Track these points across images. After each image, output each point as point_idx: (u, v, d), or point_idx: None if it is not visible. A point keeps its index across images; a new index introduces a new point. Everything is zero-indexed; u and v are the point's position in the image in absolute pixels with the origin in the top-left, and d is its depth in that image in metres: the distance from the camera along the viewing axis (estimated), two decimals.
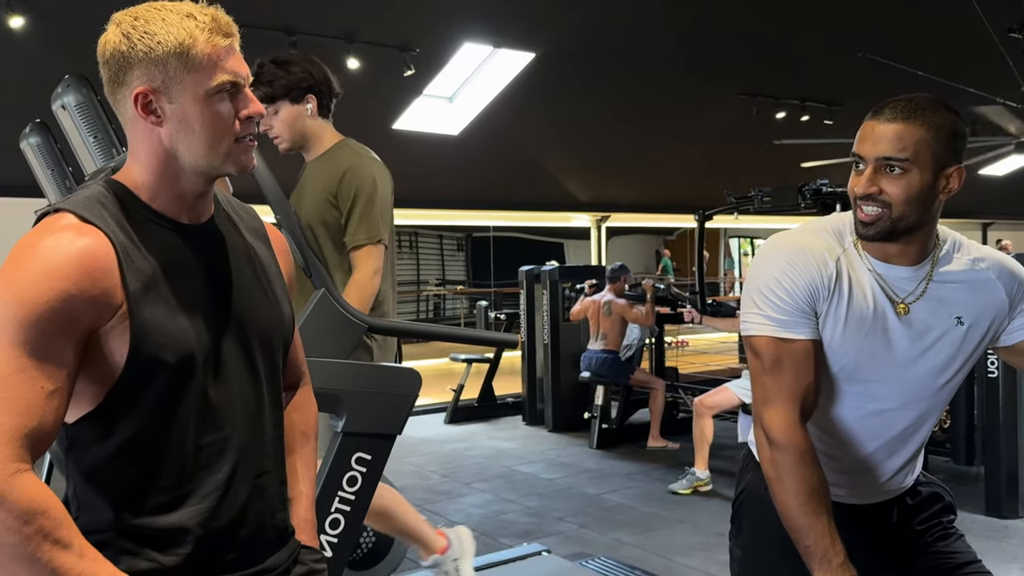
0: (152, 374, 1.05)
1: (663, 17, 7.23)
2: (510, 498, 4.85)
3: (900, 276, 1.42)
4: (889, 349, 1.41)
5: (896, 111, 1.34)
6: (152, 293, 1.05)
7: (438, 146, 8.05)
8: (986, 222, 15.41)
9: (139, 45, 1.05)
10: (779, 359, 1.39)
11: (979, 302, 1.44)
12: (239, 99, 1.10)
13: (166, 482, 1.08)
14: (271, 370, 1.20)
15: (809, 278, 1.38)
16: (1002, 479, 4.34)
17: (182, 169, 1.10)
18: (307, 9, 6.17)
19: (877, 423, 1.47)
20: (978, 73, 7.27)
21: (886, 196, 1.34)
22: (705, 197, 5.93)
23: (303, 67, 2.47)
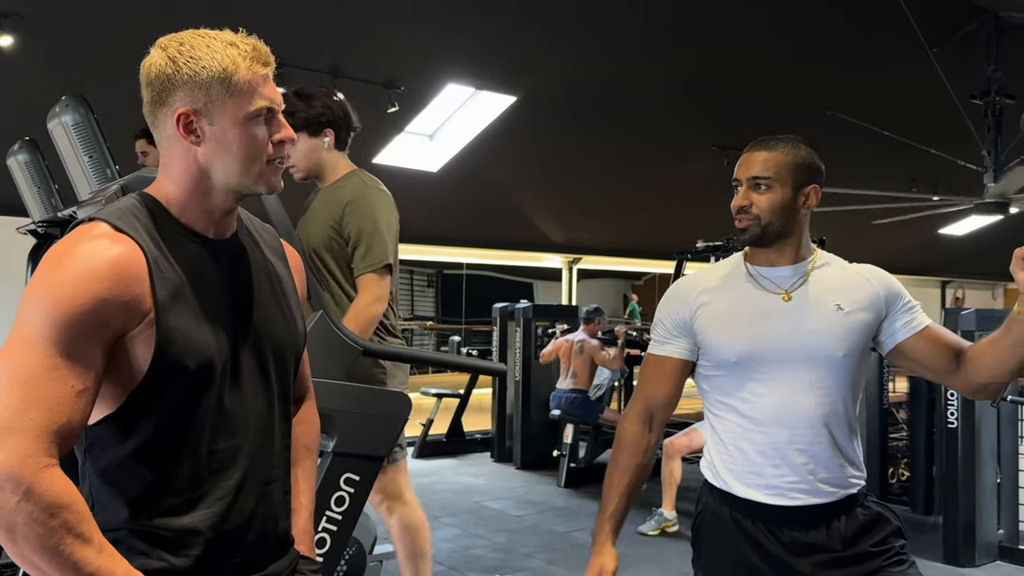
0: (173, 380, 1.10)
1: (641, 70, 7.44)
2: (479, 533, 4.85)
3: (782, 275, 1.70)
4: (778, 327, 1.65)
5: (763, 144, 1.69)
6: (178, 302, 1.10)
7: (416, 182, 8.13)
8: (944, 280, 15.81)
9: (184, 69, 1.11)
10: (644, 368, 1.78)
11: (855, 295, 1.68)
12: (273, 124, 1.17)
13: (180, 485, 1.12)
14: (283, 382, 1.25)
15: (672, 309, 1.75)
16: (960, 528, 4.44)
17: (214, 186, 1.16)
18: (294, 42, 6.26)
19: (783, 407, 1.63)
20: (941, 136, 7.56)
21: (755, 208, 1.66)
22: (675, 243, 6.08)
23: (324, 102, 2.56)
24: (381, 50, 6.62)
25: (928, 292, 15.62)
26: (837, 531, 1.63)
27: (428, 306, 17.46)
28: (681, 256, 5.85)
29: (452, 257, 13.23)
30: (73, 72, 5.61)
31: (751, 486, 1.63)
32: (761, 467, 1.62)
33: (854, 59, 7.51)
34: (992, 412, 4.49)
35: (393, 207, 2.59)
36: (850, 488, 1.66)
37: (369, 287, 2.42)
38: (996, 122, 7.20)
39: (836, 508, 1.64)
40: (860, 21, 7.16)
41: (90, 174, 2.57)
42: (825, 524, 1.63)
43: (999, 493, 4.55)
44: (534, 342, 6.75)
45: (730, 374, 1.67)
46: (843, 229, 8.34)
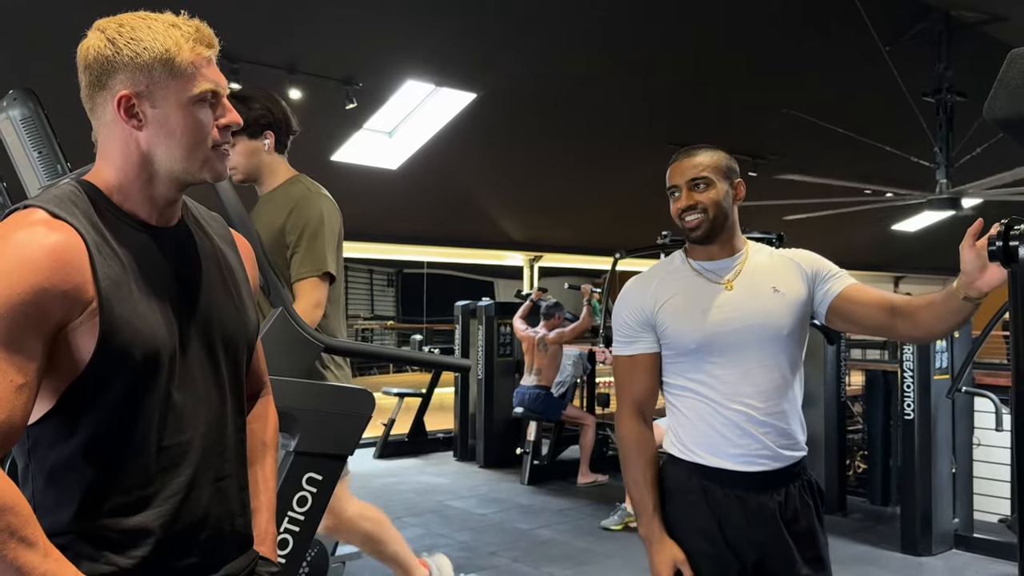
0: (118, 371, 1.05)
1: (600, 69, 7.46)
2: (442, 532, 4.82)
3: (722, 266, 1.86)
4: (727, 314, 1.79)
5: (688, 152, 1.85)
6: (122, 290, 1.06)
7: (375, 180, 8.06)
8: (898, 275, 16.14)
9: (125, 50, 1.07)
10: (619, 370, 1.88)
11: (787, 277, 1.84)
12: (218, 108, 1.13)
13: (129, 483, 1.08)
14: (235, 374, 1.21)
15: (632, 307, 1.86)
16: (917, 518, 4.52)
17: (156, 173, 1.11)
18: (249, 37, 6.15)
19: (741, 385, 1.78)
20: (894, 133, 7.70)
21: (702, 203, 1.81)
22: (635, 241, 6.10)
23: (263, 104, 2.51)
24: (338, 45, 6.54)
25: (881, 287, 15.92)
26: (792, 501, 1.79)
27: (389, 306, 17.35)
28: (617, 257, 5.94)
29: (413, 256, 13.16)
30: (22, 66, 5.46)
31: (720, 456, 1.77)
32: (727, 439, 1.76)
33: (809, 57, 7.61)
34: (947, 404, 4.57)
35: (337, 213, 2.54)
36: (802, 450, 1.83)
37: (307, 292, 2.36)
38: (947, 119, 7.35)
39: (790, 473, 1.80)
40: (815, 20, 7.26)
41: (39, 170, 2.49)
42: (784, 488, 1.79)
43: (954, 483, 4.64)
44: (497, 340, 6.73)
45: (691, 359, 1.80)
46: (798, 226, 8.46)
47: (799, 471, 1.83)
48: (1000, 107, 1.03)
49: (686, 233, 1.84)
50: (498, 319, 6.78)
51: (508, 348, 6.84)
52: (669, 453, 1.86)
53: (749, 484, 1.76)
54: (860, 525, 5.11)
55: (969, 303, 1.60)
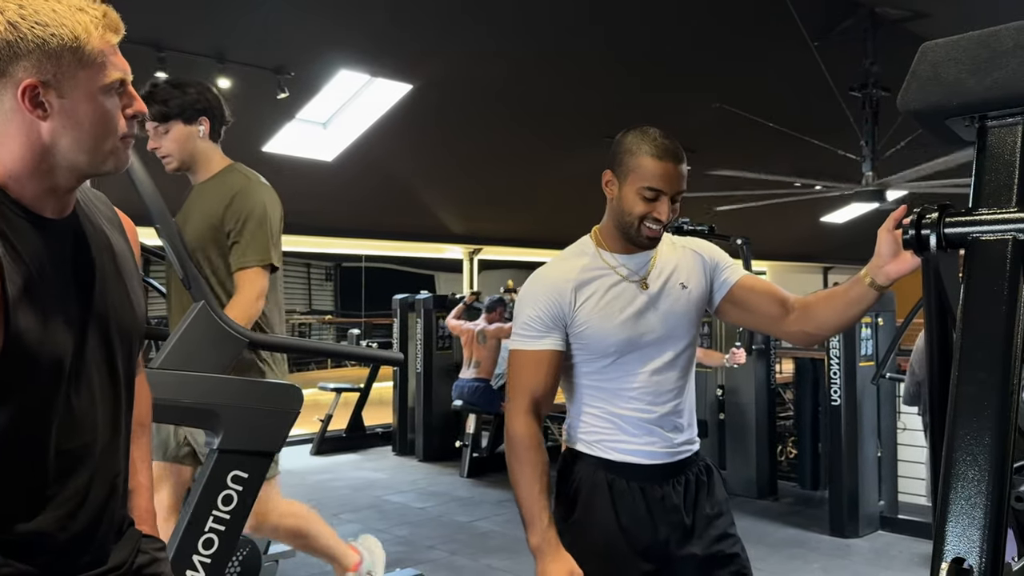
0: (19, 383, 1.02)
1: (536, 62, 7.46)
2: (380, 527, 4.78)
3: (638, 262, 1.79)
4: (646, 317, 1.75)
5: (677, 155, 1.73)
6: (26, 298, 1.01)
7: (310, 171, 7.92)
8: (827, 266, 16.57)
9: (29, 35, 1.00)
10: (519, 365, 1.76)
11: (692, 270, 1.83)
12: (125, 97, 1.09)
13: (26, 488, 1.06)
14: (128, 369, 1.19)
15: (549, 300, 1.75)
16: (844, 501, 4.66)
17: (57, 164, 1.06)
18: (178, 25, 5.98)
19: (657, 382, 1.77)
20: (822, 127, 7.89)
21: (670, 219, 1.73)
22: (572, 233, 6.12)
23: (198, 90, 2.48)
24: (269, 34, 6.40)
25: (811, 278, 16.35)
26: (691, 488, 1.80)
27: (327, 300, 17.12)
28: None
29: (350, 249, 13.01)
30: None
31: (625, 452, 1.75)
32: (633, 435, 1.75)
33: (740, 53, 7.74)
34: (872, 390, 4.71)
35: (278, 203, 2.50)
36: (696, 443, 1.85)
37: (249, 283, 2.34)
38: (873, 113, 7.55)
39: (689, 463, 1.81)
40: (746, 16, 7.38)
41: None
42: (684, 478, 1.80)
43: (880, 467, 4.79)
44: (435, 333, 6.70)
45: (603, 361, 1.75)
46: (730, 218, 8.62)
47: (695, 459, 1.84)
48: (912, 99, 1.06)
49: (636, 237, 1.75)
50: (437, 312, 6.75)
51: (447, 341, 6.81)
52: (571, 448, 1.83)
53: (652, 476, 1.76)
54: (791, 509, 5.23)
55: (873, 291, 1.61)
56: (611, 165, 1.77)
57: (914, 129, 7.00)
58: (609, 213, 1.80)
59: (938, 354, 1.21)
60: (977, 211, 1.00)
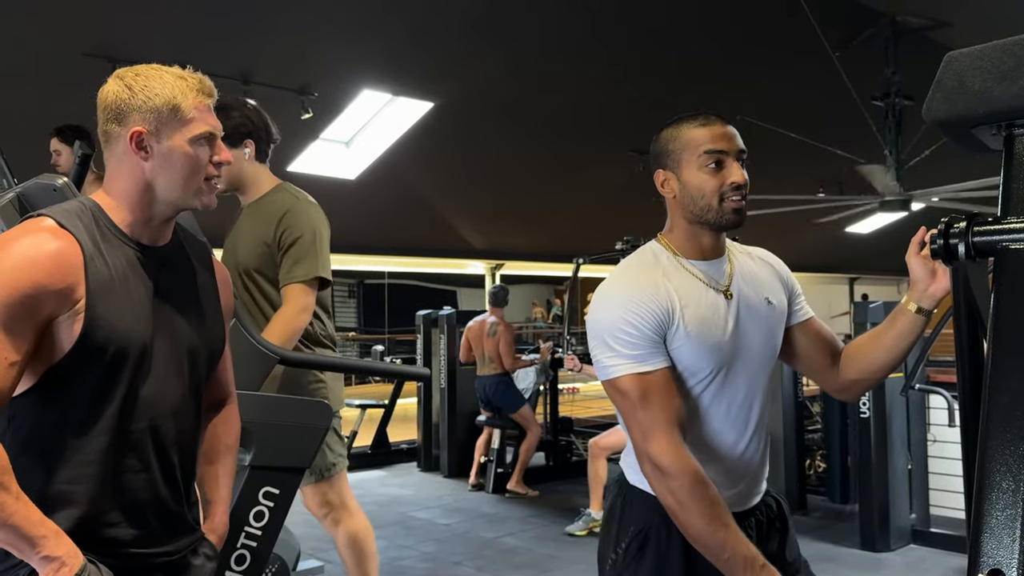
0: (93, 362, 1.24)
1: (557, 77, 7.50)
2: (406, 544, 4.78)
3: (716, 268, 1.56)
4: (733, 331, 1.53)
5: (722, 118, 1.54)
6: (107, 294, 1.25)
7: (333, 190, 8.00)
8: (852, 277, 16.44)
9: (139, 95, 1.29)
10: (646, 392, 1.44)
11: (773, 285, 1.63)
12: (213, 147, 1.35)
13: (91, 458, 1.26)
14: (194, 378, 1.39)
15: (652, 310, 1.47)
16: (874, 515, 4.59)
17: (156, 198, 1.32)
18: (204, 48, 6.09)
19: (744, 413, 1.55)
20: (845, 137, 7.85)
21: (747, 184, 1.53)
22: (595, 247, 6.13)
23: (243, 113, 2.51)
24: (293, 55, 6.50)
25: (837, 289, 16.22)
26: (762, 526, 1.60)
27: (350, 317, 17.21)
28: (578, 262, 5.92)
29: (373, 266, 13.09)
30: None
31: None
32: (719, 475, 1.50)
33: (762, 64, 7.74)
34: (901, 401, 4.66)
35: (325, 220, 2.56)
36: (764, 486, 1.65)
37: (295, 297, 2.39)
38: (896, 123, 7.52)
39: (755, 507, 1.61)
40: (768, 27, 7.38)
41: None
42: (753, 520, 1.59)
43: (910, 479, 4.73)
44: (459, 349, 6.71)
45: (697, 385, 1.51)
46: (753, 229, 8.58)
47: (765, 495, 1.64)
48: (937, 109, 1.06)
49: (720, 218, 1.51)
50: (460, 328, 6.76)
51: None
52: (631, 485, 1.58)
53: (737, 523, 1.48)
54: (820, 523, 5.18)
55: (921, 316, 1.54)
56: (659, 164, 1.58)
57: (938, 138, 6.96)
58: (676, 213, 1.57)
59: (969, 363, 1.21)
60: (1006, 219, 0.99)
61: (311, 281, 2.42)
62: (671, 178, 1.55)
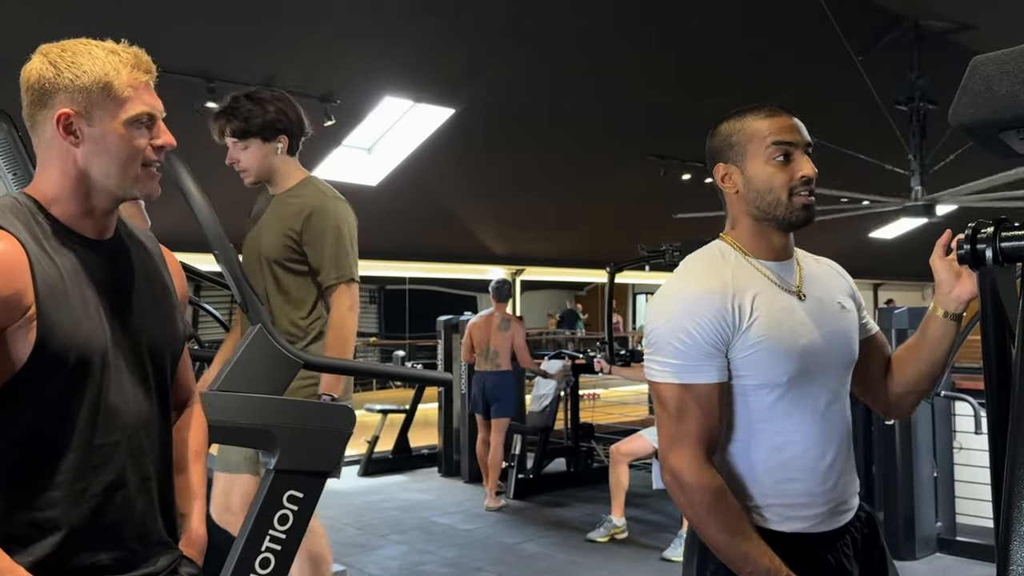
0: (52, 372, 1.12)
1: (578, 82, 7.51)
2: (428, 549, 4.79)
3: (786, 268, 1.49)
4: (811, 335, 1.44)
5: (785, 110, 1.48)
6: (59, 297, 1.13)
7: (356, 196, 8.01)
8: (876, 282, 16.28)
9: (66, 73, 1.16)
10: (682, 405, 1.39)
11: (843, 291, 1.56)
12: (154, 129, 1.22)
13: (59, 479, 1.13)
14: (160, 382, 1.28)
15: (712, 316, 1.39)
16: (900, 523, 4.55)
17: (92, 188, 1.19)
18: (227, 55, 6.15)
19: (827, 423, 1.46)
20: (868, 141, 7.80)
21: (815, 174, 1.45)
22: (616, 253, 6.12)
23: (278, 107, 2.54)
24: (315, 63, 6.54)
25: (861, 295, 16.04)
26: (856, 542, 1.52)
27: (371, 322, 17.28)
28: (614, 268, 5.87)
29: (394, 272, 13.13)
30: None
31: (795, 519, 1.43)
32: (801, 495, 1.43)
33: (784, 68, 7.70)
34: (927, 408, 4.61)
35: (352, 215, 2.59)
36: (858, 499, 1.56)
37: (341, 298, 2.45)
38: (920, 127, 7.45)
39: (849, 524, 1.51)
40: (789, 31, 7.35)
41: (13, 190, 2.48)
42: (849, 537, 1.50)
43: (936, 487, 4.68)
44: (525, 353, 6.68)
45: (772, 394, 1.42)
46: None
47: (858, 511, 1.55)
48: (963, 113, 1.05)
49: (788, 214, 1.44)
50: None
51: None
52: None
53: (823, 544, 1.45)
54: None
55: (951, 322, 1.50)
56: (719, 158, 1.50)
57: (963, 143, 6.89)
58: (741, 210, 1.49)
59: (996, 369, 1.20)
60: None
61: (348, 281, 2.48)
62: (734, 172, 1.48)
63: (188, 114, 5.71)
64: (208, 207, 1.88)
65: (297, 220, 2.48)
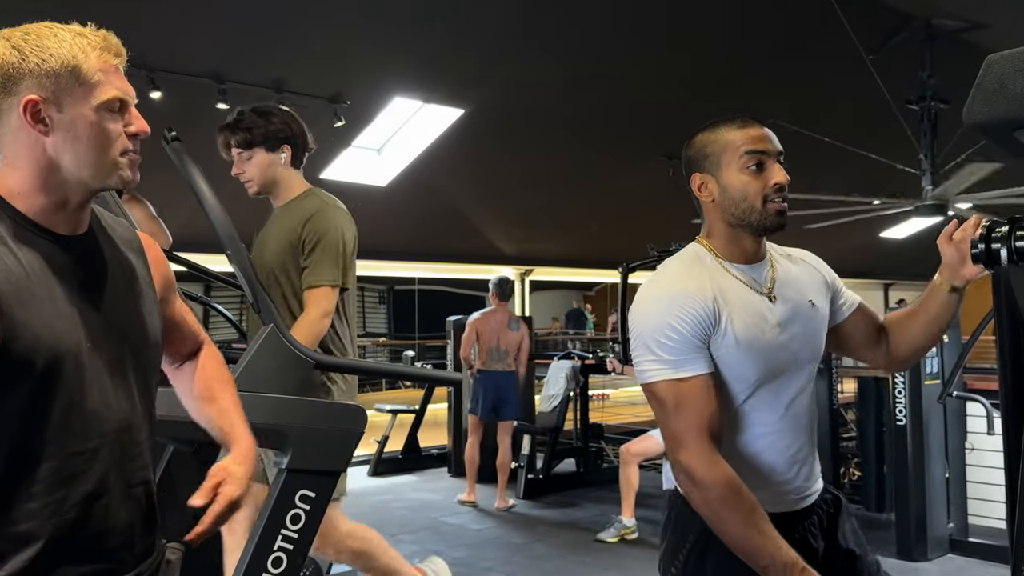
0: (20, 377, 1.03)
1: (587, 82, 7.50)
2: (437, 549, 4.79)
3: (758, 272, 1.56)
4: (780, 336, 1.51)
5: (756, 120, 1.54)
6: (24, 295, 1.04)
7: (365, 197, 8.06)
8: (887, 283, 16.21)
9: (31, 57, 1.07)
10: (680, 400, 1.43)
11: (815, 287, 1.63)
12: (126, 116, 1.14)
13: (35, 490, 1.06)
14: (143, 382, 1.20)
15: (694, 314, 1.45)
16: (911, 524, 4.53)
17: (65, 179, 1.11)
18: (237, 57, 6.17)
19: (792, 416, 1.55)
20: (879, 140, 7.76)
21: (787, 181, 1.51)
22: (626, 253, 6.10)
23: (282, 119, 2.59)
24: (325, 64, 6.57)
25: (871, 295, 16.00)
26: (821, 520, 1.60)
27: (380, 322, 17.32)
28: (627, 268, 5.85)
29: (403, 272, 13.16)
30: None
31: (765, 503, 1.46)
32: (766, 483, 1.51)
33: (794, 67, 7.67)
34: (939, 409, 4.59)
35: (351, 224, 2.61)
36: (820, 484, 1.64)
37: (316, 302, 2.43)
38: (932, 126, 7.42)
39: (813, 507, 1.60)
40: (799, 30, 7.32)
41: None
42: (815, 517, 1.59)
43: (948, 488, 4.65)
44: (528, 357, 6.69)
45: (740, 394, 1.50)
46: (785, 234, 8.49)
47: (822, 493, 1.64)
48: (978, 111, 1.05)
49: (763, 220, 1.50)
50: None
51: None
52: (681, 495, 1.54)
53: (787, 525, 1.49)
54: None
55: (955, 295, 1.56)
56: (695, 168, 1.56)
57: (974, 141, 6.86)
58: (716, 217, 1.55)
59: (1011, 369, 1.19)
60: None
61: (331, 286, 2.46)
62: (709, 181, 1.54)
63: (201, 116, 5.74)
64: (220, 207, 1.88)
65: (298, 227, 2.50)
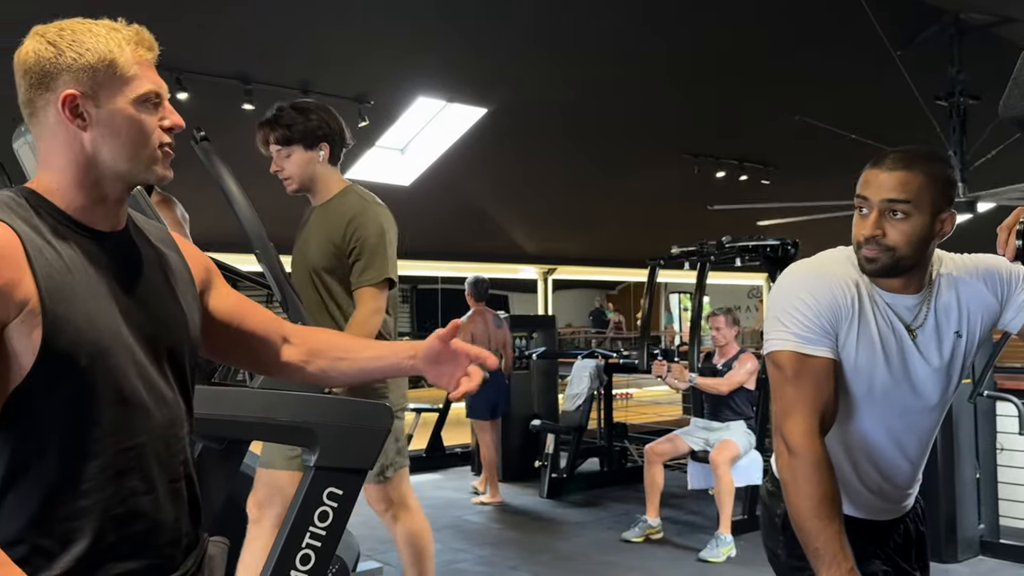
0: (63, 374, 1.03)
1: (610, 80, 7.48)
2: (461, 547, 4.80)
3: (906, 305, 1.53)
4: (906, 369, 1.52)
5: (896, 160, 1.45)
6: (66, 291, 1.04)
7: (388, 196, 8.07)
8: None
9: (68, 52, 1.07)
10: (800, 372, 1.46)
11: (971, 312, 1.56)
12: (161, 110, 1.14)
13: (83, 488, 1.05)
14: (180, 377, 1.20)
15: (832, 298, 1.47)
16: (941, 526, 4.47)
17: (102, 175, 1.11)
18: (263, 58, 6.22)
19: (900, 440, 1.57)
20: (908, 137, 7.67)
21: (888, 240, 1.45)
22: (649, 251, 6.08)
23: (320, 116, 2.59)
24: (350, 64, 6.60)
25: None
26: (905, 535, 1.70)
27: (404, 321, 17.37)
28: (654, 263, 5.83)
29: (427, 271, 13.19)
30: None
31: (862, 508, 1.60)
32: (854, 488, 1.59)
33: (821, 63, 7.61)
34: (969, 408, 4.53)
35: (392, 220, 2.63)
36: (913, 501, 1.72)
37: (367, 300, 2.47)
38: (961, 122, 7.32)
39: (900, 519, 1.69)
40: (826, 27, 7.26)
41: None
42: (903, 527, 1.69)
43: (979, 489, 4.59)
44: (513, 353, 6.72)
45: (849, 399, 1.53)
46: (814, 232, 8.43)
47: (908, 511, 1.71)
48: (1015, 105, 1.04)
49: (860, 261, 1.50)
50: (513, 332, 6.77)
51: (525, 361, 6.83)
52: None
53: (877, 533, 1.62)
54: None
55: None
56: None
57: (1005, 138, 6.76)
58: None
59: None
60: None
61: (381, 283, 2.50)
62: None
63: (227, 116, 5.79)
64: (249, 207, 1.90)
65: (339, 229, 2.53)
